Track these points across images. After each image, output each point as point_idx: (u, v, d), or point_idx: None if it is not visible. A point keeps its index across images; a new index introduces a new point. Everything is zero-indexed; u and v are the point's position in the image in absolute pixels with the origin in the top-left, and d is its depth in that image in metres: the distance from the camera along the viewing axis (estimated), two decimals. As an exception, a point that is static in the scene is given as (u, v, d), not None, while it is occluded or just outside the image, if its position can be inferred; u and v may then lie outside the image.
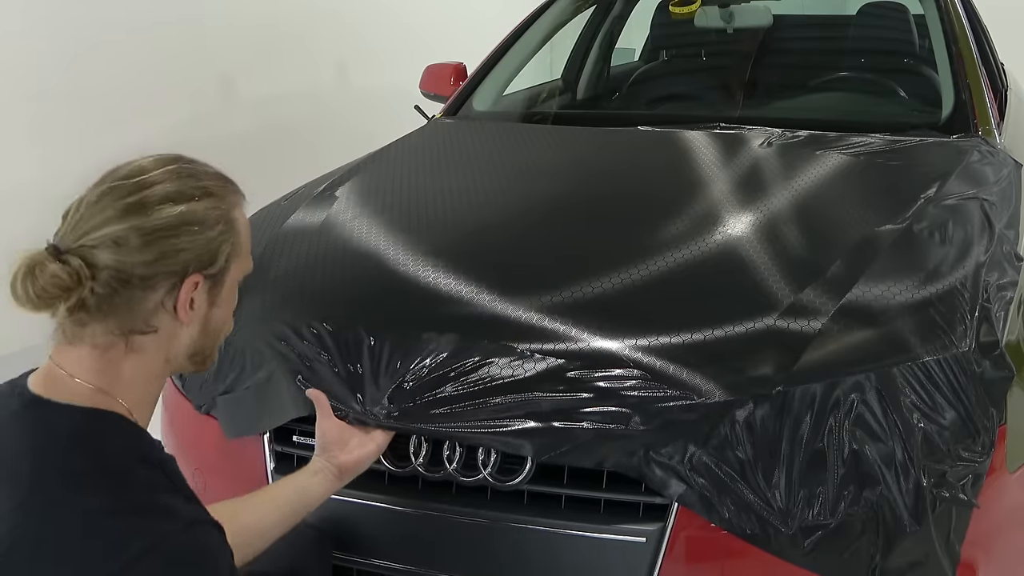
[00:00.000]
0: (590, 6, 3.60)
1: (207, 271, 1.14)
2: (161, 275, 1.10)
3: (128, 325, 1.10)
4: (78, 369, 1.10)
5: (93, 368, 1.10)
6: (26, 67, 3.45)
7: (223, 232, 1.15)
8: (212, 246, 1.14)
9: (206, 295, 1.16)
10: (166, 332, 1.14)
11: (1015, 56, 3.49)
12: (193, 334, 1.18)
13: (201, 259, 1.13)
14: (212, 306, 1.18)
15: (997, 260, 1.73)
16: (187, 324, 1.15)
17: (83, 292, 1.05)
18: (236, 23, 4.45)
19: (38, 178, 3.45)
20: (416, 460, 1.53)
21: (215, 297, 1.18)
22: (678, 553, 1.44)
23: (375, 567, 1.57)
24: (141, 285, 1.09)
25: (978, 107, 2.49)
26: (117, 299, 1.08)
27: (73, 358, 1.11)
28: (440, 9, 5.85)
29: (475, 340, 1.57)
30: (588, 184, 2.20)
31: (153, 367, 1.15)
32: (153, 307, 1.11)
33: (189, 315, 1.14)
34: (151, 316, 1.11)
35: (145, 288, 1.09)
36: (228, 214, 1.17)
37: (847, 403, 1.44)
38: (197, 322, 1.17)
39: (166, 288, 1.11)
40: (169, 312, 1.12)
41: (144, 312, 1.10)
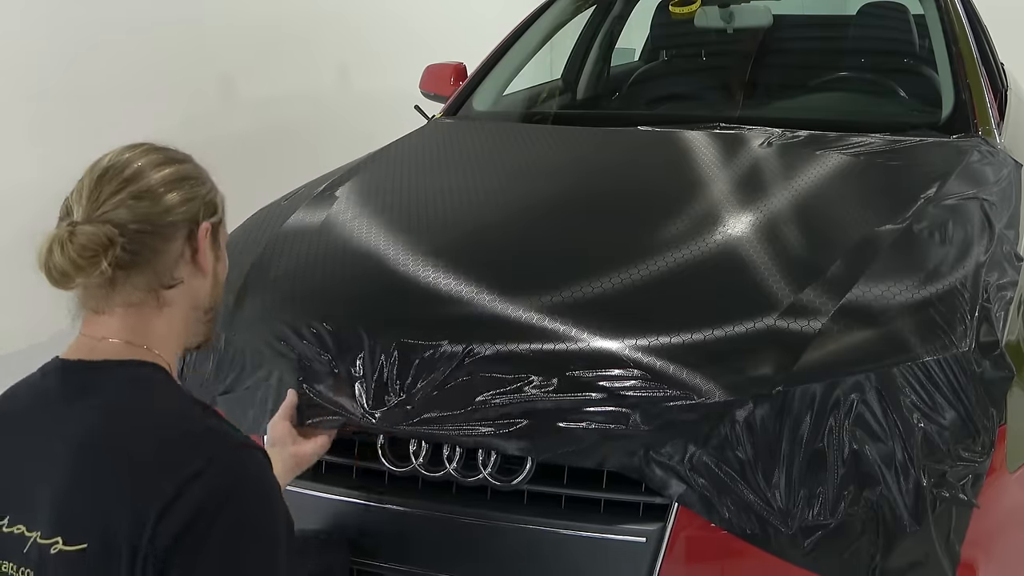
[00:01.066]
0: (590, 6, 3.59)
1: (212, 219, 1.23)
2: (178, 223, 1.18)
3: (156, 280, 1.17)
4: (111, 331, 1.17)
5: (126, 326, 1.17)
6: (26, 67, 3.45)
7: (213, 188, 1.26)
8: (211, 196, 1.24)
9: (211, 247, 1.24)
10: (189, 283, 1.22)
11: (1015, 56, 3.49)
12: (209, 285, 1.26)
13: (207, 207, 1.22)
14: (217, 259, 1.27)
15: (997, 260, 1.73)
16: (206, 272, 1.23)
17: (116, 249, 1.12)
18: (236, 24, 4.45)
19: (38, 178, 3.45)
20: (416, 460, 1.53)
21: (218, 251, 1.27)
22: (678, 553, 1.44)
23: (375, 567, 1.57)
24: (163, 234, 1.17)
25: (978, 107, 2.49)
26: (145, 251, 1.15)
27: (104, 324, 1.17)
28: (440, 10, 5.85)
29: (475, 340, 1.57)
30: (588, 184, 2.20)
31: (180, 321, 1.23)
32: (175, 257, 1.19)
33: (208, 262, 1.23)
34: (174, 268, 1.19)
35: (166, 238, 1.17)
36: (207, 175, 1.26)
37: (847, 403, 1.44)
38: (210, 274, 1.25)
39: (183, 237, 1.19)
40: (189, 262, 1.21)
41: (168, 264, 1.18)
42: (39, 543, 1.06)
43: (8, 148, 3.41)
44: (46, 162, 3.50)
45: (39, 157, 3.49)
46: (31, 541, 1.07)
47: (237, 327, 1.76)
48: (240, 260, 1.95)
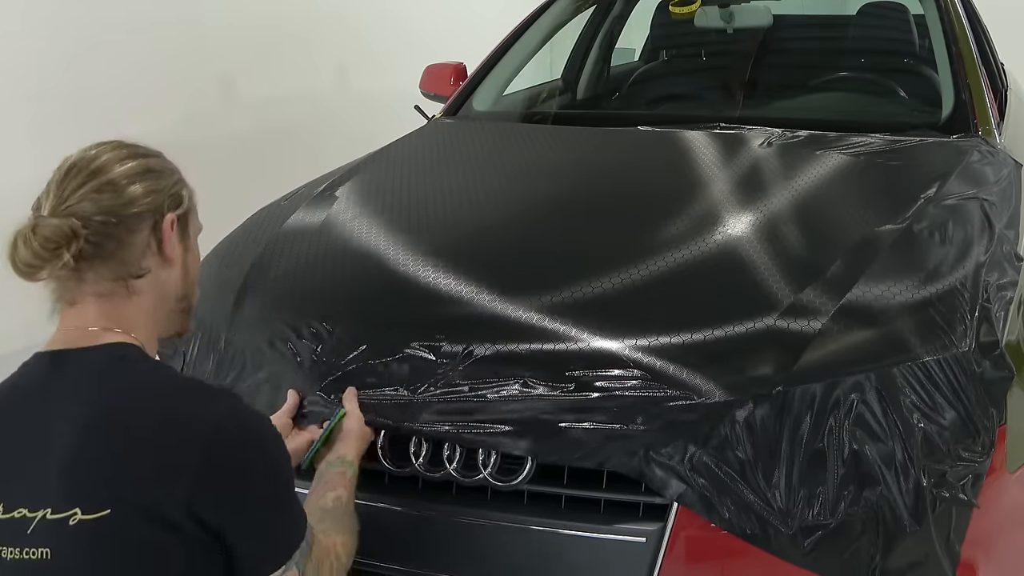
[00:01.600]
0: (590, 6, 3.59)
1: (178, 211, 1.26)
2: (143, 214, 1.20)
3: (124, 269, 1.20)
4: (88, 320, 1.19)
5: (102, 313, 1.20)
6: (26, 67, 3.45)
7: (179, 181, 1.28)
8: (176, 189, 1.26)
9: (179, 237, 1.27)
10: (157, 273, 1.24)
11: (1015, 56, 3.49)
12: (178, 276, 1.28)
13: (172, 200, 1.25)
14: (186, 251, 1.29)
15: (997, 260, 1.73)
16: (172, 262, 1.26)
17: (80, 242, 1.14)
18: (236, 24, 4.44)
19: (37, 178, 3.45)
20: (416, 460, 1.53)
21: (186, 242, 1.29)
22: (678, 553, 1.44)
23: (375, 567, 1.57)
24: (128, 225, 1.19)
25: (978, 107, 2.49)
26: (111, 243, 1.18)
27: (80, 314, 1.19)
28: (440, 10, 5.85)
29: (475, 340, 1.57)
30: (588, 184, 2.20)
31: (151, 308, 1.25)
32: (141, 248, 1.21)
33: (175, 252, 1.25)
34: (141, 258, 1.21)
35: (131, 229, 1.20)
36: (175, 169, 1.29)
37: (847, 403, 1.44)
38: (178, 265, 1.27)
39: (148, 228, 1.22)
40: (155, 253, 1.23)
41: (134, 254, 1.21)
42: (50, 519, 1.08)
43: (8, 148, 3.40)
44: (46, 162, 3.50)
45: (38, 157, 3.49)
46: (37, 520, 1.08)
47: (237, 327, 1.76)
48: (240, 260, 1.95)
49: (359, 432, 1.51)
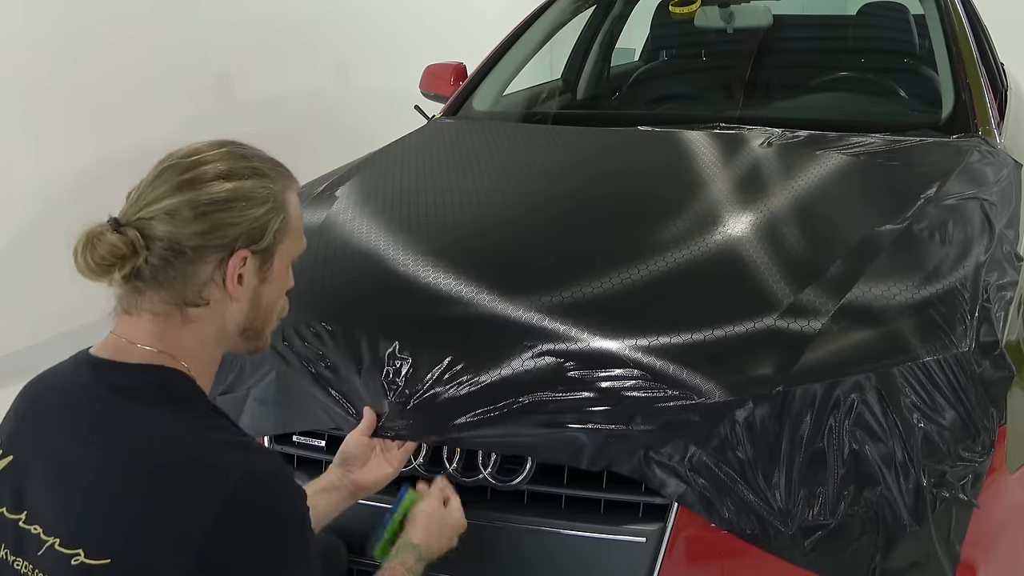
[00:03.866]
0: (590, 6, 3.60)
1: (255, 247, 1.18)
2: (211, 248, 1.14)
3: (182, 296, 1.15)
4: (139, 335, 1.16)
5: (153, 333, 1.16)
6: (25, 66, 3.45)
7: (271, 210, 1.19)
8: (260, 222, 1.18)
9: (255, 271, 1.20)
10: (218, 305, 1.18)
11: (1015, 56, 3.49)
12: (243, 309, 1.21)
13: (250, 234, 1.17)
14: (263, 283, 1.22)
15: (997, 260, 1.73)
16: (237, 299, 1.19)
17: (138, 261, 1.12)
18: (236, 23, 4.45)
19: (37, 178, 3.46)
20: (416, 460, 1.53)
21: (265, 274, 1.22)
22: (678, 553, 1.44)
23: (375, 567, 1.57)
24: (192, 257, 1.14)
25: (978, 107, 2.49)
26: (171, 270, 1.14)
27: (134, 326, 1.16)
28: (441, 10, 5.85)
29: (475, 341, 1.57)
30: (588, 184, 2.20)
31: (208, 338, 1.20)
32: (204, 280, 1.16)
33: (238, 290, 1.18)
34: (203, 289, 1.16)
35: (196, 261, 1.14)
36: (278, 194, 1.21)
37: (847, 403, 1.44)
38: (247, 297, 1.21)
39: (215, 262, 1.16)
40: (219, 286, 1.17)
41: (196, 284, 1.16)
42: (57, 551, 1.06)
43: (8, 148, 3.41)
44: (45, 162, 3.51)
45: (38, 157, 3.50)
46: (47, 546, 1.06)
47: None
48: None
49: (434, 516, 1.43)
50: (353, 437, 1.49)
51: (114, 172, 3.74)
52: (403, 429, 1.51)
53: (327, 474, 1.47)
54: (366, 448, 1.49)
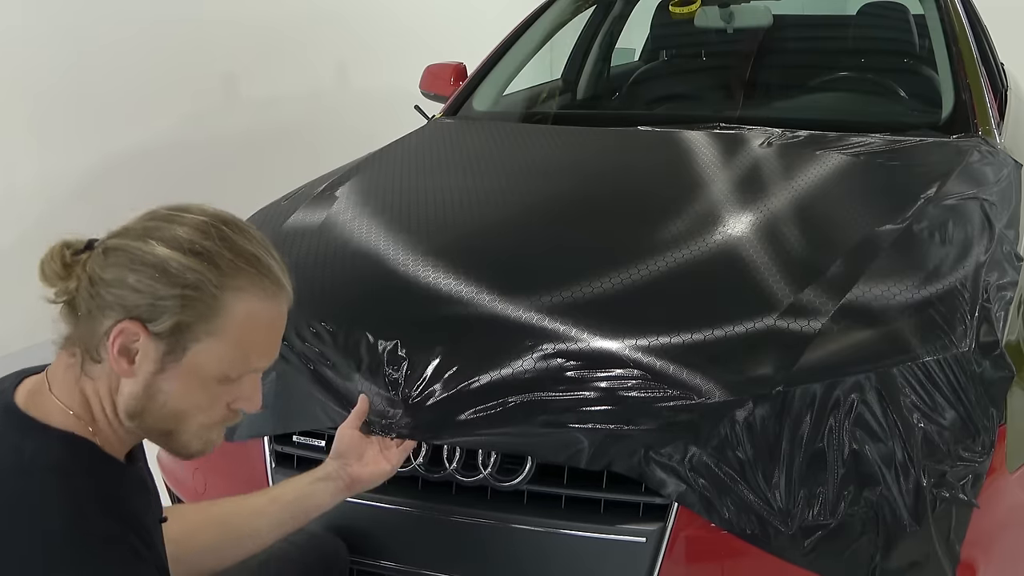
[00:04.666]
0: (590, 6, 3.60)
1: (152, 326, 1.05)
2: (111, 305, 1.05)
3: (86, 343, 1.07)
4: (55, 382, 1.09)
5: (63, 382, 1.09)
6: (26, 66, 3.45)
7: (186, 298, 1.05)
8: (163, 303, 1.05)
9: (153, 356, 1.06)
10: (108, 370, 1.08)
11: (1015, 56, 3.49)
12: (134, 392, 1.08)
13: (149, 311, 1.05)
14: (160, 372, 1.07)
15: (997, 260, 1.73)
16: (121, 374, 1.07)
17: (70, 285, 1.06)
18: (237, 23, 4.45)
19: (37, 178, 3.46)
20: (416, 460, 1.53)
21: (167, 365, 1.07)
22: (678, 553, 1.44)
23: (375, 567, 1.57)
24: (100, 303, 1.05)
25: (978, 107, 2.49)
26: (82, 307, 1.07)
27: (55, 369, 1.11)
28: (441, 10, 5.85)
29: (475, 341, 1.57)
30: (588, 184, 2.20)
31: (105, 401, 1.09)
32: (101, 336, 1.06)
33: (121, 363, 1.06)
34: (100, 345, 1.07)
35: (102, 309, 1.05)
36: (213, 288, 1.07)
37: (847, 403, 1.44)
38: (140, 381, 1.07)
39: (111, 321, 1.05)
40: (107, 350, 1.06)
41: (95, 339, 1.07)
42: None
43: (9, 148, 3.41)
44: (47, 162, 3.51)
45: (40, 157, 3.50)
46: None
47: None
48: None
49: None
50: (343, 430, 1.48)
51: (115, 172, 3.74)
52: (402, 428, 1.51)
53: (325, 465, 1.47)
54: (360, 441, 1.47)
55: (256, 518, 1.41)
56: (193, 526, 1.39)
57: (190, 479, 1.80)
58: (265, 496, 1.45)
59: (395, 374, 1.55)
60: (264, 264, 1.11)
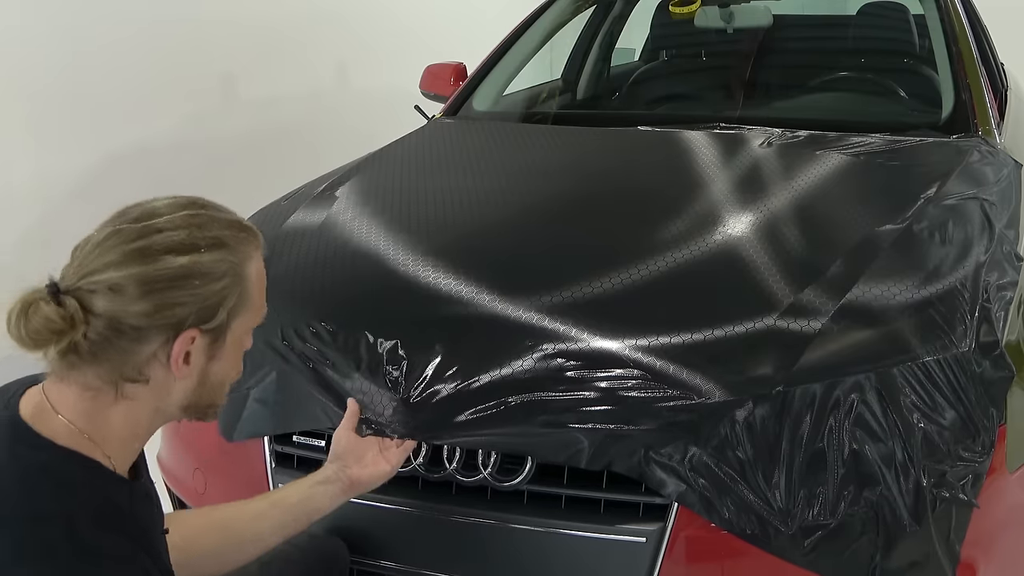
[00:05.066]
0: (590, 6, 3.60)
1: (206, 326, 1.09)
2: (156, 328, 1.05)
3: (119, 372, 1.06)
4: (65, 407, 1.07)
5: (79, 409, 1.07)
6: (23, 66, 3.45)
7: (227, 287, 1.10)
8: (212, 301, 1.08)
9: (204, 350, 1.11)
10: (159, 383, 1.10)
11: (1015, 56, 3.49)
12: (188, 387, 1.13)
13: (200, 314, 1.08)
14: (211, 360, 1.13)
15: (997, 260, 1.73)
16: (182, 379, 1.11)
17: (75, 336, 1.03)
18: (236, 23, 4.45)
19: (36, 178, 3.46)
20: (416, 460, 1.53)
21: (215, 351, 1.13)
22: (678, 553, 1.44)
23: (375, 567, 1.57)
24: (135, 336, 1.05)
25: (978, 107, 2.49)
26: (110, 348, 1.05)
27: (62, 395, 1.08)
28: (440, 10, 5.85)
29: (475, 341, 1.57)
30: (588, 184, 2.20)
31: (142, 416, 1.11)
32: (147, 358, 1.07)
33: (184, 370, 1.10)
34: (144, 366, 1.07)
35: (139, 340, 1.05)
36: (237, 267, 1.12)
37: (847, 403, 1.44)
38: (194, 376, 1.12)
39: (160, 341, 1.06)
40: (163, 364, 1.08)
41: (137, 362, 1.07)
42: None
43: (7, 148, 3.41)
44: (44, 162, 3.51)
45: (36, 157, 3.50)
46: None
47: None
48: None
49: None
50: (338, 433, 1.48)
51: (114, 172, 3.74)
52: (402, 428, 1.51)
53: (324, 468, 1.47)
54: (357, 442, 1.47)
55: (258, 522, 1.41)
56: (195, 531, 1.38)
57: (190, 479, 1.80)
58: (266, 500, 1.44)
59: (395, 374, 1.55)
60: (244, 223, 1.17)
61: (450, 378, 1.52)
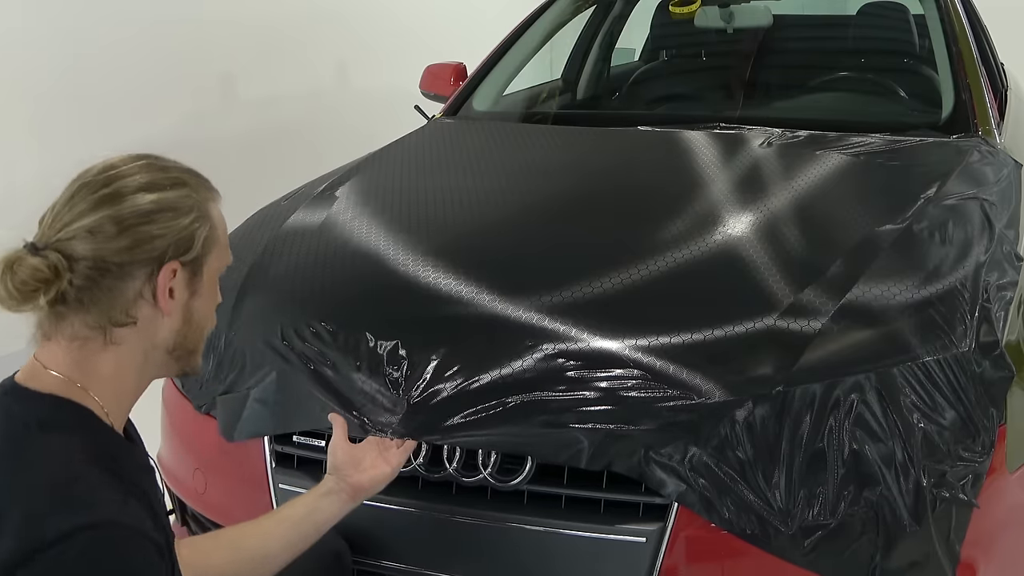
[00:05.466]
0: (590, 6, 3.59)
1: (184, 258, 1.14)
2: (138, 263, 1.10)
3: (107, 316, 1.10)
4: (54, 362, 1.11)
5: (69, 360, 1.11)
6: (26, 67, 3.46)
7: (196, 220, 1.15)
8: (187, 232, 1.14)
9: (186, 284, 1.16)
10: (146, 323, 1.13)
11: (1015, 56, 3.49)
12: (175, 326, 1.16)
13: (178, 245, 1.13)
14: (193, 295, 1.17)
15: (997, 260, 1.73)
16: (168, 314, 1.15)
17: (62, 284, 1.07)
18: (237, 23, 4.45)
19: (38, 178, 3.46)
20: (416, 460, 1.53)
21: (196, 286, 1.17)
22: (678, 553, 1.44)
23: (375, 567, 1.57)
24: (119, 274, 1.09)
25: (978, 107, 2.49)
26: (96, 290, 1.09)
27: (51, 352, 1.12)
28: (440, 10, 5.85)
29: (475, 341, 1.57)
30: (588, 184, 2.20)
31: (132, 361, 1.14)
32: (133, 297, 1.11)
33: (170, 304, 1.14)
34: (131, 306, 1.11)
35: (123, 277, 1.10)
36: (202, 204, 1.17)
37: (847, 403, 1.44)
38: (179, 313, 1.16)
39: (144, 276, 1.11)
40: (149, 302, 1.12)
41: (124, 302, 1.11)
42: None
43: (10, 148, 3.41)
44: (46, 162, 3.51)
45: (39, 157, 3.50)
46: None
47: (237, 327, 1.76)
48: (240, 260, 1.95)
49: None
50: (332, 446, 1.46)
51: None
52: (403, 428, 1.51)
53: (325, 480, 1.46)
54: (353, 451, 1.46)
55: (266, 540, 1.40)
56: (206, 550, 1.38)
57: (190, 479, 1.80)
58: (272, 519, 1.43)
59: (395, 374, 1.55)
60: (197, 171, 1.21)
61: (450, 378, 1.52)
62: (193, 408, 1.78)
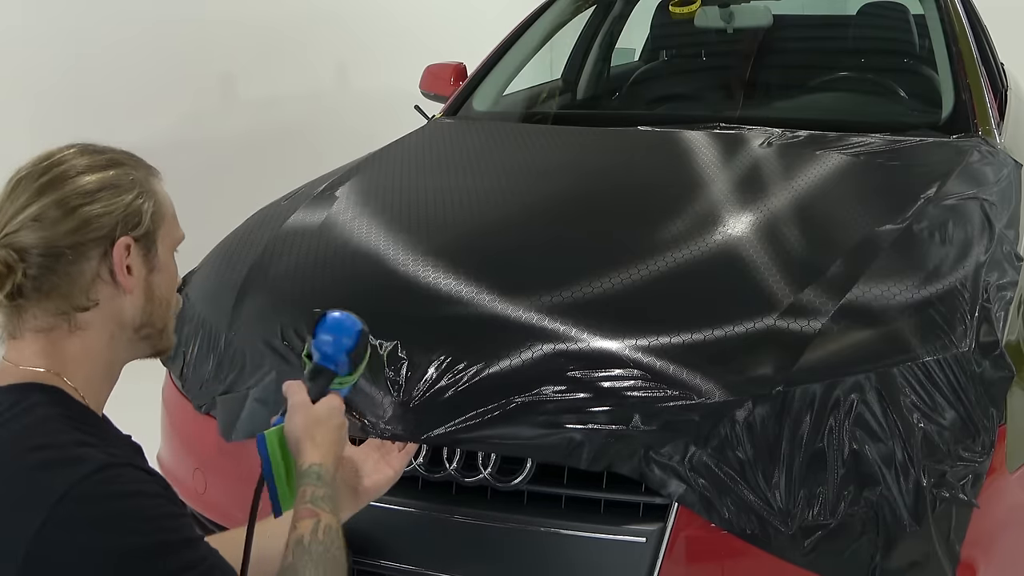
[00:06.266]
0: (590, 6, 3.59)
1: (135, 232, 1.14)
2: (89, 243, 1.10)
3: (69, 302, 1.11)
4: (22, 358, 1.11)
5: (35, 351, 1.11)
6: (27, 66, 3.46)
7: (140, 195, 1.15)
8: (133, 207, 1.14)
9: (142, 260, 1.16)
10: (109, 304, 1.14)
11: (1015, 56, 3.49)
12: (138, 303, 1.17)
13: (126, 221, 1.13)
14: (152, 271, 1.18)
15: (997, 260, 1.73)
16: (129, 291, 1.15)
17: (16, 277, 1.07)
18: (237, 23, 4.45)
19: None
20: (416, 460, 1.53)
21: (152, 262, 1.18)
22: (678, 553, 1.44)
23: (375, 567, 1.57)
24: (73, 257, 1.09)
25: (978, 107, 2.49)
26: (53, 277, 1.09)
27: (18, 350, 1.12)
28: (440, 10, 5.85)
29: (475, 341, 1.57)
30: (588, 184, 2.20)
31: (100, 343, 1.14)
32: (91, 278, 1.11)
33: (130, 280, 1.14)
34: (90, 288, 1.12)
35: (77, 260, 1.10)
36: (143, 180, 1.17)
37: (847, 403, 1.44)
38: (140, 289, 1.16)
39: (98, 256, 1.11)
40: (108, 282, 1.13)
41: (83, 285, 1.11)
42: None
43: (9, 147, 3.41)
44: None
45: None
46: None
47: (237, 327, 1.76)
48: (240, 260, 1.95)
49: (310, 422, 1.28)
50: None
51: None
52: (403, 430, 1.51)
53: None
54: (352, 456, 1.45)
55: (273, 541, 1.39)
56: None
57: (190, 479, 1.80)
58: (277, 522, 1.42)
59: (395, 375, 1.55)
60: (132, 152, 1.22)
61: (450, 378, 1.52)
62: (193, 408, 1.78)
